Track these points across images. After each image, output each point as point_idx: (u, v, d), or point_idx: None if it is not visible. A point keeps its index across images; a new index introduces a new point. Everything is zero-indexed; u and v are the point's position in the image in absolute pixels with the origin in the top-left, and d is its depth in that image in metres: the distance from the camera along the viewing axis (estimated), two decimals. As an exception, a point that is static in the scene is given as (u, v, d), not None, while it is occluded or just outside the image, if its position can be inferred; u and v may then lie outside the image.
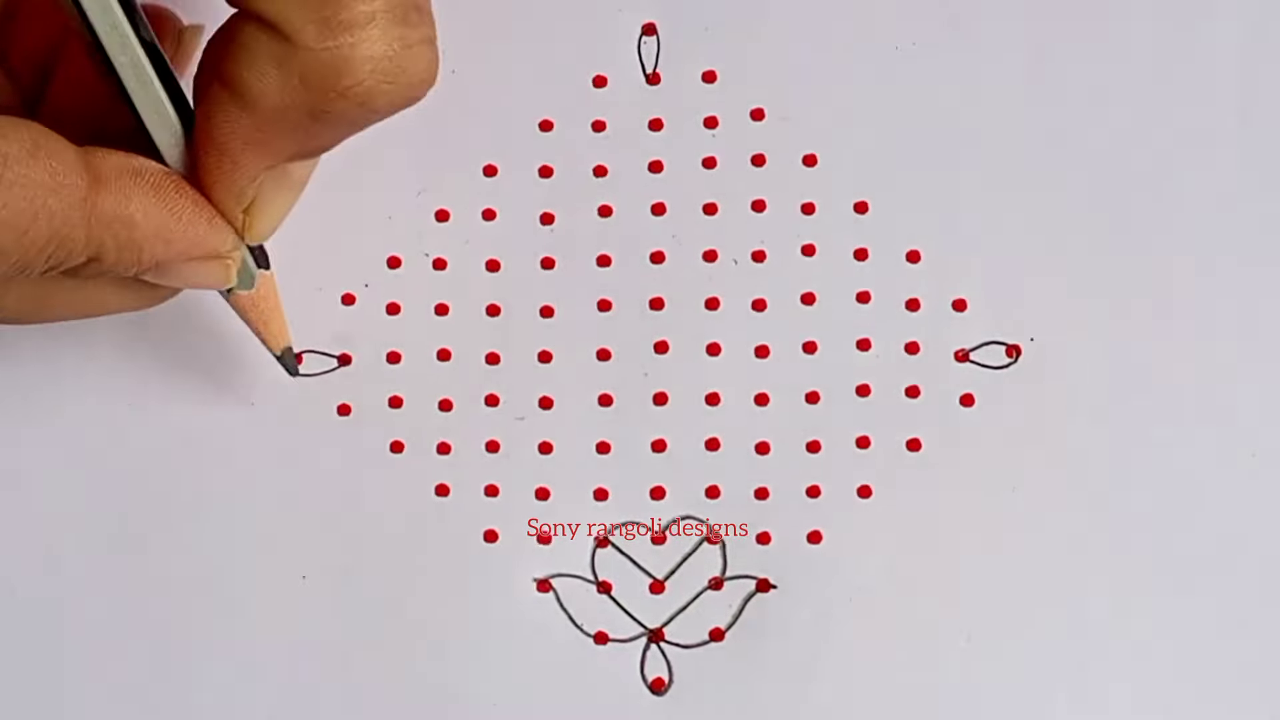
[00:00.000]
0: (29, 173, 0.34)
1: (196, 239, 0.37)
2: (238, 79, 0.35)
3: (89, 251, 0.36)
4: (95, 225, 0.35)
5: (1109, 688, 0.42)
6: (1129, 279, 0.43)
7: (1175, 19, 0.43)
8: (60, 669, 0.43)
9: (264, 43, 0.34)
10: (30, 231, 0.34)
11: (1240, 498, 0.42)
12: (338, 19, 0.34)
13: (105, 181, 0.36)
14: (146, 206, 0.36)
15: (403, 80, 0.35)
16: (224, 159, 0.36)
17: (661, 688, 0.43)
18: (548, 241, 0.44)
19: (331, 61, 0.34)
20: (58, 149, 0.35)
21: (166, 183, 0.37)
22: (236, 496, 0.43)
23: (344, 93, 0.34)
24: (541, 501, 0.43)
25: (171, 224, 0.37)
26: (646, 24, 0.44)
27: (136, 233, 0.36)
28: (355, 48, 0.34)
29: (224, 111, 0.36)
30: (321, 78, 0.34)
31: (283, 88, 0.35)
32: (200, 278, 0.38)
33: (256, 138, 0.36)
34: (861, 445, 0.43)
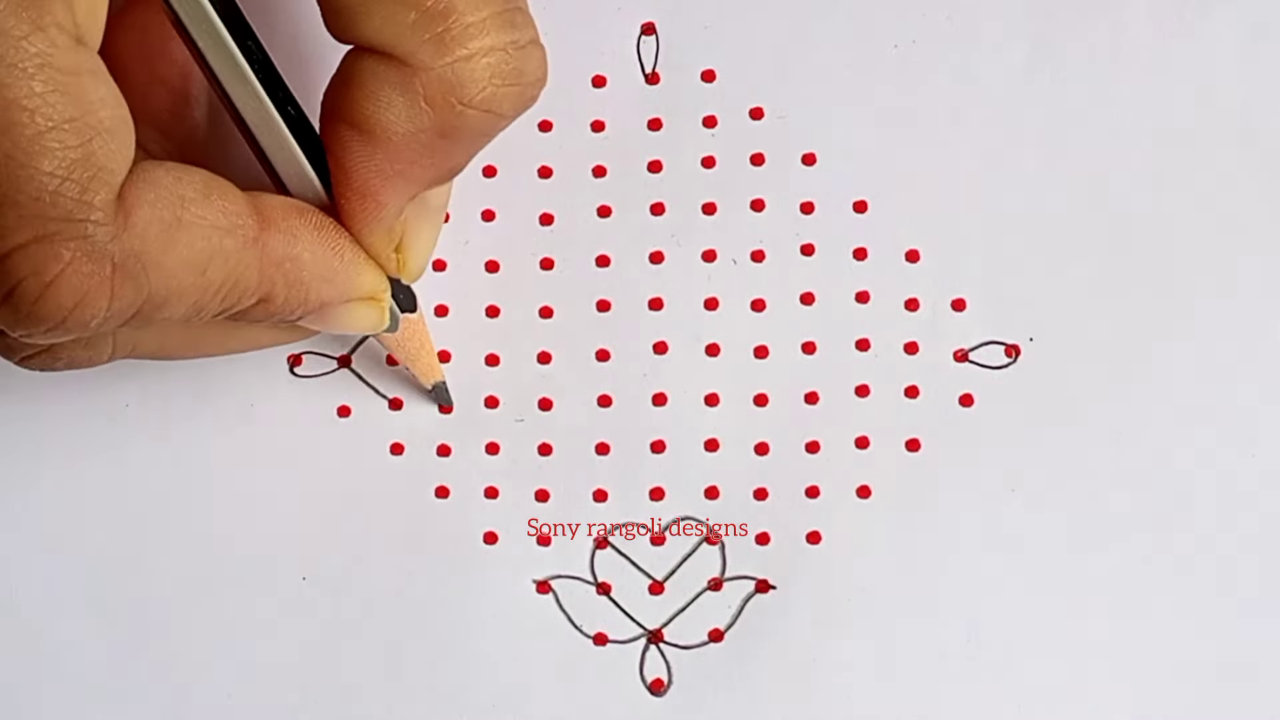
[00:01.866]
0: (205, 214, 0.35)
1: (359, 279, 0.38)
2: (364, 115, 0.36)
3: (260, 292, 0.36)
4: (266, 265, 0.36)
5: (1109, 688, 0.42)
6: (1129, 279, 0.43)
7: (1175, 19, 0.43)
8: (60, 669, 0.43)
9: (382, 73, 0.35)
10: (208, 272, 0.35)
11: (1240, 498, 0.42)
12: (450, 34, 0.35)
13: (273, 222, 0.37)
14: (312, 246, 0.37)
15: (522, 81, 0.36)
16: (367, 199, 0.37)
17: (661, 689, 0.43)
18: (547, 242, 0.44)
19: (453, 76, 0.35)
20: (229, 191, 0.36)
21: (327, 223, 0.38)
22: (236, 497, 0.43)
23: (470, 103, 0.35)
24: (541, 503, 0.43)
25: (335, 264, 0.38)
26: (645, 23, 0.44)
27: (305, 273, 0.37)
28: (472, 58, 0.35)
29: (357, 151, 0.36)
30: (446, 94, 0.35)
31: (410, 113, 0.35)
32: (357, 321, 0.39)
33: (394, 170, 0.37)
34: (861, 445, 0.43)
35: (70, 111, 0.32)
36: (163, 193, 0.35)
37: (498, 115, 0.36)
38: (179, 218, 0.35)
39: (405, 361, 0.42)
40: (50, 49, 0.32)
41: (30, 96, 0.32)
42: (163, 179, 0.35)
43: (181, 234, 0.35)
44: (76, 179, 0.33)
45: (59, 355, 0.38)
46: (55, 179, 0.32)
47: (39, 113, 0.32)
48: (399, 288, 0.40)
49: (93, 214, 0.33)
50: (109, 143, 0.33)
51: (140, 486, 0.43)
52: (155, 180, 0.35)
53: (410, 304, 0.41)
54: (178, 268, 0.35)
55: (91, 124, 0.33)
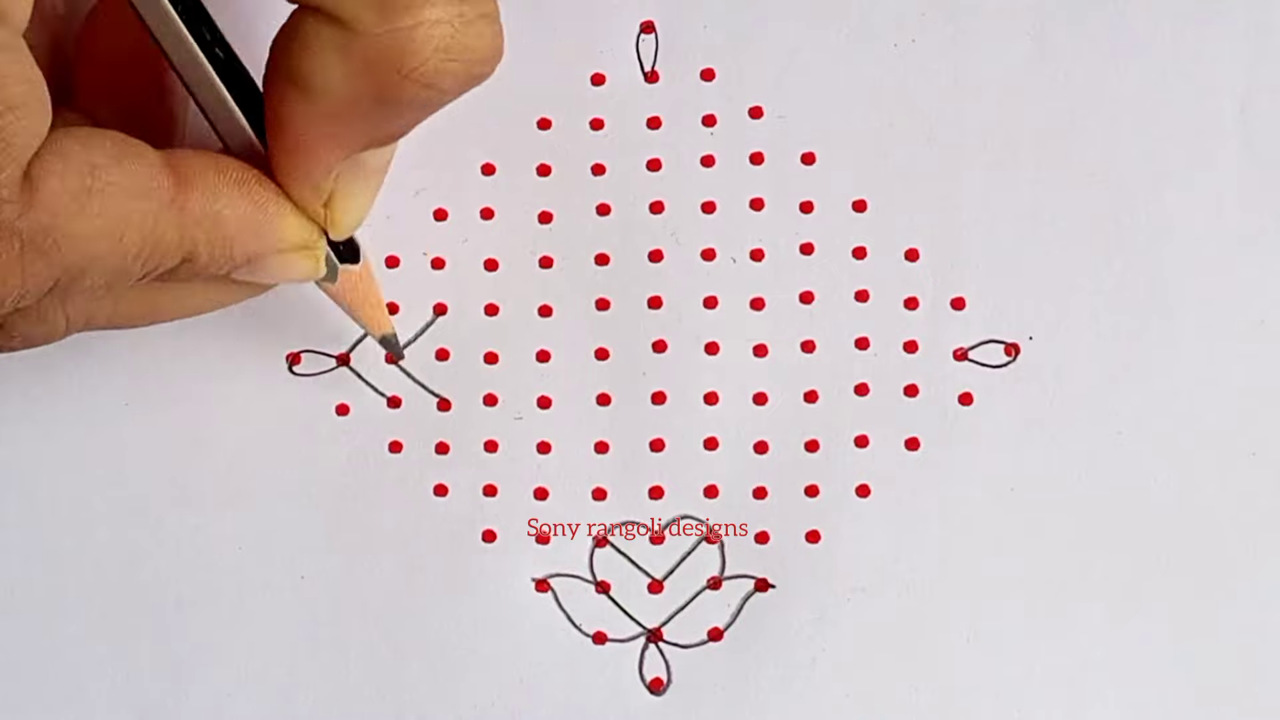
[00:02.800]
0: (117, 179, 0.35)
1: (283, 231, 0.38)
2: (302, 72, 0.35)
3: (182, 252, 0.36)
4: (186, 225, 0.36)
5: (1109, 688, 0.42)
6: (1129, 278, 0.43)
7: (1175, 18, 0.43)
8: (60, 669, 0.43)
9: (325, 34, 0.35)
10: (124, 237, 0.35)
11: (1240, 497, 0.42)
12: (396, 2, 0.34)
13: (190, 181, 0.36)
14: (233, 201, 0.37)
15: (467, 57, 0.35)
16: (297, 154, 0.37)
17: (660, 688, 0.43)
18: (546, 240, 0.44)
19: (393, 45, 0.34)
20: (141, 153, 0.35)
21: (248, 177, 0.37)
22: (236, 496, 0.43)
23: (409, 75, 0.35)
24: (540, 501, 0.43)
25: (259, 217, 0.37)
26: (645, 22, 0.44)
27: (226, 228, 0.36)
28: (416, 29, 0.34)
29: (291, 106, 0.36)
30: (385, 62, 0.34)
31: (347, 76, 0.35)
32: (290, 270, 0.38)
33: (327, 129, 0.36)
34: (860, 444, 0.43)
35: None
36: (71, 162, 0.34)
37: (439, 89, 0.35)
38: (89, 186, 0.34)
39: (350, 313, 0.41)
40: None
41: None
42: (70, 147, 0.34)
43: (92, 202, 0.34)
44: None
45: (12, 333, 0.37)
46: None
47: None
48: (343, 241, 0.40)
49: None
50: (18, 119, 0.33)
51: (140, 486, 0.43)
52: (63, 150, 0.34)
53: (352, 255, 0.40)
54: (92, 236, 0.34)
55: (2, 98, 0.32)
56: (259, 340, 0.43)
